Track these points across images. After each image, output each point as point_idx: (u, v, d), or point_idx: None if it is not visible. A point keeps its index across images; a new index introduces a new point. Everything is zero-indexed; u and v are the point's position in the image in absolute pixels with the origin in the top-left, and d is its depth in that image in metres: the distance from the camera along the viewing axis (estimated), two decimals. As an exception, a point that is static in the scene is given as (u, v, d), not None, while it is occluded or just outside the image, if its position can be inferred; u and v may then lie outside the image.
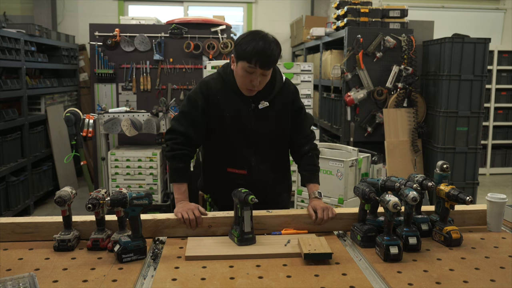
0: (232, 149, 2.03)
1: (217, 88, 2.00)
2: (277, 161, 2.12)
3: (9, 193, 4.50)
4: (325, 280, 1.42)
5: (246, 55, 1.82)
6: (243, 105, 1.99)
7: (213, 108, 1.99)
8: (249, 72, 1.85)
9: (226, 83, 1.99)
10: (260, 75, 1.87)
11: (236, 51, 1.88)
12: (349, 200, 3.32)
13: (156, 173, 4.02)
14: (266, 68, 1.86)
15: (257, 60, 1.81)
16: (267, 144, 2.05)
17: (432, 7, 7.55)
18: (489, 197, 1.86)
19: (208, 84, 2.01)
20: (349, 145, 4.25)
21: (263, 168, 2.05)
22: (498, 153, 7.07)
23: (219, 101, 1.99)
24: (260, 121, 2.00)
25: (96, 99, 4.85)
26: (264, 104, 1.98)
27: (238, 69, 1.89)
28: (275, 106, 2.02)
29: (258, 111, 1.99)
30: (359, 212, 1.78)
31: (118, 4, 7.09)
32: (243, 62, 1.84)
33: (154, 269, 1.51)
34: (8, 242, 1.71)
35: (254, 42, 1.81)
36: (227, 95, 1.99)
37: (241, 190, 1.71)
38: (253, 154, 2.03)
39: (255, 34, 1.86)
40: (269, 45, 1.83)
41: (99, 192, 1.67)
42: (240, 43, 1.86)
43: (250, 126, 2.00)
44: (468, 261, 1.56)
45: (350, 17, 4.66)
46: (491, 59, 6.70)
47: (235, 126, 1.99)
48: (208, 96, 1.99)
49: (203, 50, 4.80)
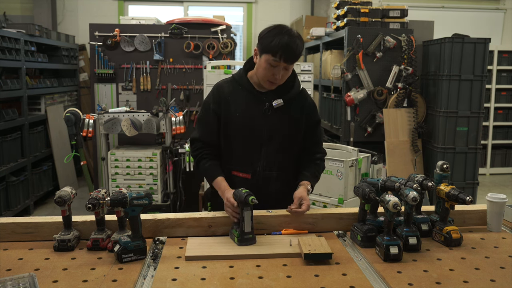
0: (239, 150, 2.00)
1: (229, 90, 2.02)
2: (284, 171, 2.04)
3: (9, 193, 4.51)
4: (325, 280, 1.42)
5: (271, 48, 1.84)
6: (257, 105, 1.98)
7: (224, 110, 2.00)
8: (272, 65, 1.87)
9: (239, 84, 2.01)
10: (283, 69, 1.88)
11: (261, 44, 1.89)
12: (349, 200, 3.32)
13: (156, 173, 4.02)
14: (290, 62, 1.87)
15: (282, 53, 1.83)
16: (276, 149, 2.01)
17: (432, 7, 7.55)
18: (489, 197, 1.86)
19: (220, 87, 2.04)
20: (349, 145, 4.25)
21: (268, 175, 2.00)
22: (498, 153, 7.08)
23: (230, 102, 1.99)
24: (272, 122, 1.98)
25: (96, 99, 4.85)
26: (279, 102, 1.96)
27: (261, 61, 1.90)
28: (289, 110, 2.00)
29: (272, 112, 1.97)
30: (359, 212, 1.78)
31: (118, 4, 7.09)
32: (268, 55, 1.86)
33: (154, 269, 1.51)
34: (8, 242, 1.71)
35: (279, 36, 1.83)
36: (239, 96, 1.99)
37: (242, 190, 1.71)
38: (260, 158, 1.99)
39: (280, 28, 1.87)
40: (294, 39, 1.85)
41: (99, 192, 1.67)
42: (266, 36, 1.87)
43: (262, 127, 1.98)
44: (468, 261, 1.56)
45: (350, 17, 4.66)
46: (491, 59, 6.70)
47: (246, 126, 1.98)
48: (219, 98, 2.01)
49: (203, 50, 4.80)
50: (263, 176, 2.00)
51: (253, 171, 2.00)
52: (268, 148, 1.99)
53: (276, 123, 1.99)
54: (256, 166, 2.00)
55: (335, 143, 4.41)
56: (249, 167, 2.00)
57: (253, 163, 1.99)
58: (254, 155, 1.99)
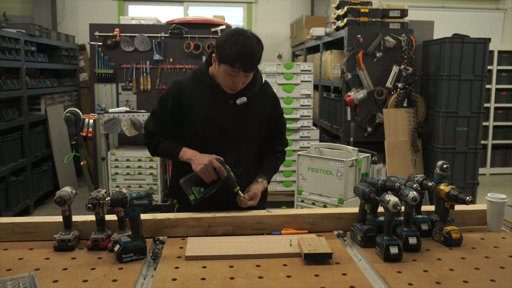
0: (206, 148, 1.95)
1: (191, 89, 1.96)
2: (250, 166, 2.06)
3: (9, 193, 4.51)
4: (325, 280, 1.42)
5: (229, 59, 1.78)
6: (221, 103, 1.95)
7: (185, 109, 1.96)
8: (231, 75, 1.83)
9: (202, 83, 1.96)
10: (243, 77, 1.85)
11: (218, 53, 1.83)
12: (349, 200, 3.32)
13: (156, 173, 4.02)
14: (249, 71, 1.84)
15: (240, 64, 1.78)
16: (242, 145, 2.01)
17: (432, 7, 7.55)
18: (489, 197, 1.86)
19: (180, 85, 1.98)
20: (349, 145, 4.25)
21: (236, 171, 1.96)
22: (498, 153, 7.08)
23: (194, 101, 1.95)
24: (238, 119, 1.96)
25: (96, 99, 4.85)
26: (242, 99, 1.93)
27: (220, 71, 1.85)
28: (254, 105, 1.98)
29: (237, 109, 1.95)
30: (359, 212, 1.78)
31: (118, 4, 7.09)
32: (226, 66, 1.80)
33: (154, 269, 1.51)
34: (8, 242, 1.71)
35: (236, 46, 1.76)
36: (202, 94, 1.95)
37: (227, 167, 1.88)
38: (227, 155, 1.95)
39: (237, 36, 1.79)
40: (252, 48, 1.79)
41: (99, 192, 1.67)
42: (223, 46, 1.80)
43: (228, 125, 1.96)
44: (468, 261, 1.56)
45: (350, 17, 4.66)
46: (491, 59, 6.70)
47: (211, 125, 1.96)
48: (178, 97, 1.96)
49: (203, 50, 4.80)
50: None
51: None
52: (235, 145, 1.99)
53: (242, 120, 1.97)
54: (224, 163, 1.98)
55: (335, 143, 4.41)
56: None
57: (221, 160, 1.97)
58: (221, 152, 1.94)
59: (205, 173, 1.86)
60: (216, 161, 1.86)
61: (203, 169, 1.85)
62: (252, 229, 1.82)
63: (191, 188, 1.87)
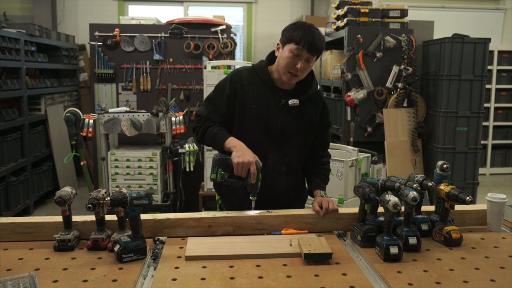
0: (251, 143, 1.96)
1: (248, 80, 2.01)
2: (293, 168, 2.08)
3: (9, 193, 4.51)
4: (325, 280, 1.42)
5: (295, 37, 1.87)
6: (274, 101, 1.99)
7: (240, 99, 2.00)
8: (295, 55, 1.88)
9: (260, 77, 2.01)
10: (304, 61, 1.89)
11: (284, 36, 1.93)
12: (349, 200, 3.32)
13: (156, 173, 4.02)
14: (312, 53, 1.89)
15: (305, 42, 1.86)
16: (287, 145, 2.03)
17: (432, 7, 7.55)
18: (489, 197, 1.86)
19: (239, 75, 2.03)
20: (349, 145, 4.25)
21: (278, 170, 2.02)
22: (498, 153, 7.08)
23: (248, 93, 1.99)
24: (287, 119, 2.00)
25: (96, 99, 4.85)
26: (295, 101, 1.98)
27: (284, 52, 1.92)
28: (304, 109, 2.02)
29: (287, 109, 1.99)
30: (359, 212, 1.78)
31: (118, 4, 7.09)
32: (291, 45, 1.88)
33: (154, 269, 1.51)
34: (8, 242, 1.71)
35: (303, 27, 1.89)
36: (258, 87, 2.00)
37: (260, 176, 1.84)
38: (271, 152, 2.01)
39: (302, 23, 1.93)
40: (317, 33, 1.89)
41: (99, 192, 1.67)
42: (289, 28, 1.93)
43: (276, 122, 1.99)
44: (468, 261, 1.56)
45: (350, 17, 4.66)
46: (491, 59, 6.71)
47: (260, 119, 1.99)
48: (236, 86, 2.00)
49: (203, 50, 4.80)
50: (272, 170, 2.02)
51: (264, 163, 1.99)
52: (279, 143, 2.02)
53: (290, 120, 2.00)
54: (267, 159, 2.01)
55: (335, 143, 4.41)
56: (260, 159, 1.98)
57: (265, 156, 1.99)
58: (266, 148, 2.00)
59: (238, 168, 1.85)
60: (254, 165, 1.83)
61: (239, 163, 1.84)
62: (252, 229, 1.82)
63: (219, 168, 1.89)
